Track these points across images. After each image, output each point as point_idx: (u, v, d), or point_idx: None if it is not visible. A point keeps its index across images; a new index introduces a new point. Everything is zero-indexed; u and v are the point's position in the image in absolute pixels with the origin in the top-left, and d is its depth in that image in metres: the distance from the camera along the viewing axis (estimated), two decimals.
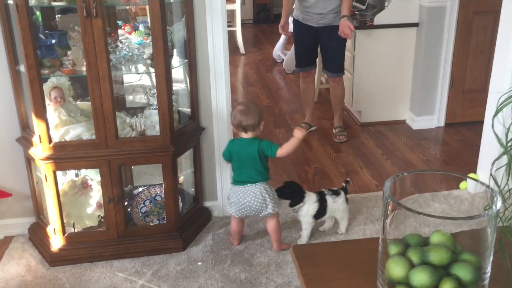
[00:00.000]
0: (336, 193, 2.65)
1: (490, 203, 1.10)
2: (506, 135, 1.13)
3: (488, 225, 1.06)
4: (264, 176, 2.50)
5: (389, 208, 1.13)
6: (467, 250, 1.10)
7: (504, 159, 1.17)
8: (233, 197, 2.50)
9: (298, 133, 2.45)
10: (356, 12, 4.43)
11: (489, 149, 2.96)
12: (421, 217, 1.06)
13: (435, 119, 4.12)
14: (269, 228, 2.58)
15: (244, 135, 2.45)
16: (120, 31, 2.82)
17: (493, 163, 1.15)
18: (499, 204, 1.07)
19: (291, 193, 2.56)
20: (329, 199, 2.61)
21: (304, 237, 2.65)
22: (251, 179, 2.46)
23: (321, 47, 3.77)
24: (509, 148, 1.10)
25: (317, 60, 3.93)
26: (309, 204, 2.57)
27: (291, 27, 3.89)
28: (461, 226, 1.13)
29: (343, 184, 2.78)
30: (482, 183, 1.13)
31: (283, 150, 2.46)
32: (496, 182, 1.19)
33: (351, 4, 3.58)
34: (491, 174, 1.20)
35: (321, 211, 2.60)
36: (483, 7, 3.78)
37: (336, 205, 2.63)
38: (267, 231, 2.62)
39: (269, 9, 8.57)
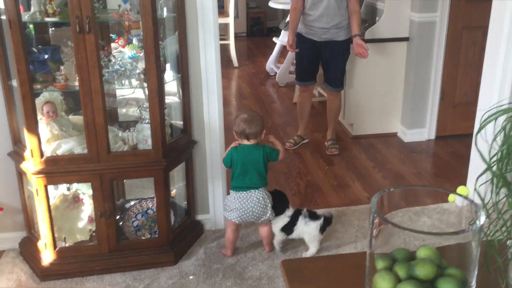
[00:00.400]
0: (314, 217, 2.62)
1: (474, 218, 1.13)
2: (489, 151, 1.15)
3: (473, 240, 1.08)
4: (265, 181, 2.60)
5: (376, 223, 1.15)
6: (453, 264, 1.12)
7: (490, 174, 1.19)
8: (234, 203, 2.55)
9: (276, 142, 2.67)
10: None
11: (477, 163, 2.99)
12: (407, 232, 1.08)
13: (426, 132, 4.16)
14: (263, 233, 2.66)
15: (246, 142, 2.55)
16: (113, 45, 2.84)
17: (477, 179, 1.17)
18: (483, 219, 1.09)
19: (276, 203, 2.62)
20: (302, 219, 2.60)
21: (275, 244, 2.68)
22: (253, 184, 2.55)
23: (323, 61, 3.79)
24: (492, 164, 1.13)
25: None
26: (282, 217, 2.60)
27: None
28: (448, 240, 1.15)
29: (330, 214, 2.76)
30: (466, 198, 1.15)
31: (283, 154, 2.65)
32: (480, 197, 1.21)
33: (360, 22, 3.61)
34: (475, 189, 1.22)
35: (288, 228, 2.60)
36: (472, 22, 3.84)
37: (307, 228, 2.60)
38: (260, 236, 2.70)
39: (262, 22, 8.64)
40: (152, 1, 2.19)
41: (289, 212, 2.62)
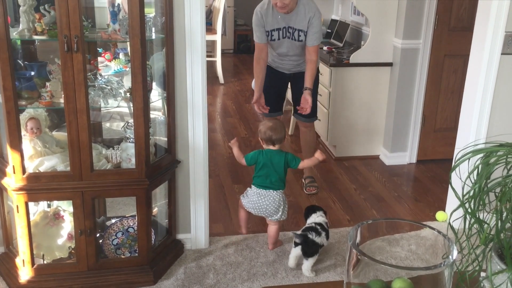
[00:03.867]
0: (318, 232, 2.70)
1: (447, 252, 1.16)
2: (463, 188, 1.20)
3: (445, 273, 1.11)
4: (283, 184, 2.87)
5: (353, 254, 1.18)
6: None
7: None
8: (253, 196, 2.84)
9: (319, 155, 2.91)
10: (333, 50, 4.57)
11: (458, 188, 3.07)
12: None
13: (408, 155, 4.23)
14: (270, 231, 2.90)
15: (271, 147, 2.85)
16: (100, 58, 2.85)
17: (450, 214, 1.21)
18: (455, 253, 1.13)
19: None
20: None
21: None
22: (273, 185, 2.82)
23: (293, 93, 3.65)
24: (465, 201, 1.17)
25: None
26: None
27: None
28: (421, 271, 1.19)
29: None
30: (439, 232, 1.19)
31: (304, 164, 2.94)
32: (454, 232, 1.25)
33: (315, 74, 3.38)
34: (449, 223, 1.26)
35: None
36: (453, 51, 3.95)
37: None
38: (267, 234, 2.94)
39: (249, 39, 8.73)
40: (141, 23, 2.22)
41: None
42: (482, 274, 1.26)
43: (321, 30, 3.41)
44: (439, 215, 3.35)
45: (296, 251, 2.68)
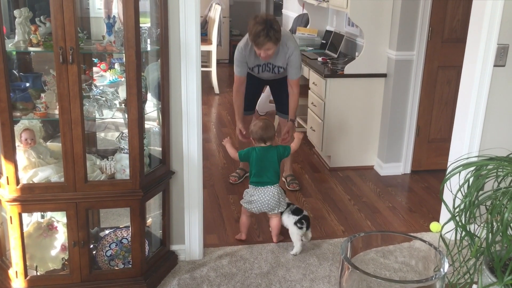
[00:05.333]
0: (296, 212, 3.03)
1: (439, 265, 1.17)
2: (454, 200, 1.21)
3: (437, 285, 1.12)
4: (278, 177, 3.07)
5: (345, 267, 1.18)
6: None
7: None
8: (253, 196, 3.01)
9: (297, 135, 3.21)
10: (328, 61, 4.60)
11: (449, 200, 3.08)
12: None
13: (402, 166, 4.25)
14: (273, 224, 3.09)
15: (262, 145, 3.06)
16: (95, 69, 2.86)
17: (442, 227, 1.22)
18: (446, 266, 1.13)
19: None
20: (286, 211, 3.08)
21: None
22: (270, 180, 3.01)
23: (274, 94, 3.89)
24: (456, 214, 1.18)
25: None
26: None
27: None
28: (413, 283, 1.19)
29: (308, 215, 3.13)
30: (430, 245, 1.20)
31: (293, 148, 3.16)
32: (445, 244, 1.26)
33: (297, 105, 3.65)
34: (441, 236, 1.27)
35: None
36: (447, 62, 3.98)
37: (288, 220, 3.04)
38: (270, 227, 3.15)
39: None
40: (137, 35, 2.24)
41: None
42: (474, 286, 1.26)
43: (300, 65, 3.63)
44: (434, 226, 3.33)
45: (302, 231, 2.99)
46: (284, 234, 3.13)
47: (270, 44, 3.29)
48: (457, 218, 1.18)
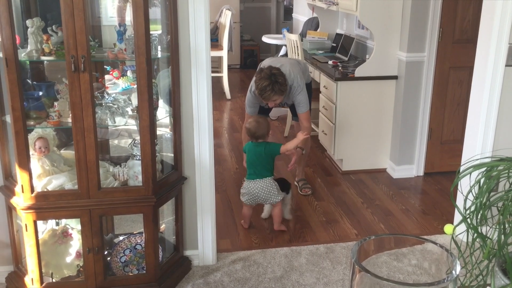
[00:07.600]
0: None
1: (451, 267, 1.16)
2: (464, 201, 1.20)
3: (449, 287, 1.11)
4: (270, 172, 3.23)
5: (356, 270, 1.18)
6: None
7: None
8: (245, 188, 3.22)
9: (299, 135, 3.25)
10: (339, 64, 4.59)
11: (462, 202, 3.06)
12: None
13: (415, 168, 4.22)
14: (273, 212, 3.30)
15: (255, 141, 3.25)
16: (107, 76, 2.88)
17: (454, 229, 1.22)
18: (458, 269, 1.13)
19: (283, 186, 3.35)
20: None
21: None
22: (260, 173, 3.19)
23: (289, 107, 3.90)
24: (467, 216, 1.17)
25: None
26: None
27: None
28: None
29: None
30: (442, 247, 1.19)
31: (286, 146, 3.26)
32: (457, 246, 1.25)
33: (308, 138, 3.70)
34: (452, 238, 1.26)
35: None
36: (458, 63, 3.96)
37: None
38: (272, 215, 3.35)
39: (256, 54, 8.80)
40: (147, 43, 2.26)
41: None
42: None
43: (307, 99, 3.61)
44: (448, 228, 3.33)
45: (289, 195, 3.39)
46: (287, 227, 3.36)
47: (276, 96, 3.39)
48: (469, 220, 1.17)
